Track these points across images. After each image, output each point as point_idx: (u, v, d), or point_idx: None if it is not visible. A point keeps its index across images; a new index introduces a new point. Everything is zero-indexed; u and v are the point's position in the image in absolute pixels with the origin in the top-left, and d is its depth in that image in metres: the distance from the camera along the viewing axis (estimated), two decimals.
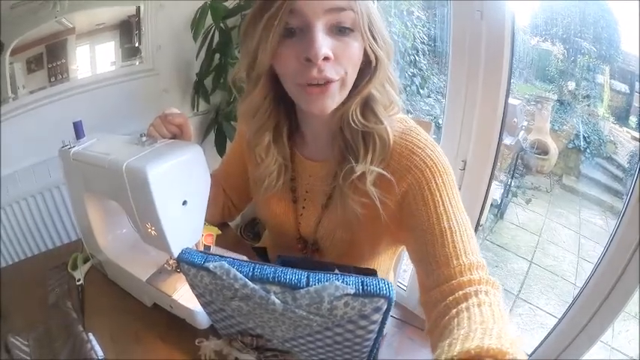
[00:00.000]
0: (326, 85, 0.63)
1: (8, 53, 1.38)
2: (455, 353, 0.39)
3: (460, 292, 0.55)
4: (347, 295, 0.44)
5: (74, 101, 1.57)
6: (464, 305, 0.52)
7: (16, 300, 0.85)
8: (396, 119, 0.75)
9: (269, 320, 0.51)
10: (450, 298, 0.56)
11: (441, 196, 0.67)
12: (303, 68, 0.62)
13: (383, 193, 0.71)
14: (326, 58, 0.60)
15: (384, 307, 0.45)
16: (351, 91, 0.68)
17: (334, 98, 0.66)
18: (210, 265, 0.50)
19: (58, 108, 1.54)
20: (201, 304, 0.60)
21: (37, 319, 0.78)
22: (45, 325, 0.77)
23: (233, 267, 0.49)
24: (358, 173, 0.70)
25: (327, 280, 0.45)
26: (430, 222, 0.65)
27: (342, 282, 0.44)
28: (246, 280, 0.48)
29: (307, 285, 0.46)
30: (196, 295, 0.58)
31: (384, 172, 0.71)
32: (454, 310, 0.53)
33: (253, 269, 0.49)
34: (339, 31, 0.61)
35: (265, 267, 0.49)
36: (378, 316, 0.45)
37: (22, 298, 0.86)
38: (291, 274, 0.47)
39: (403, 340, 1.81)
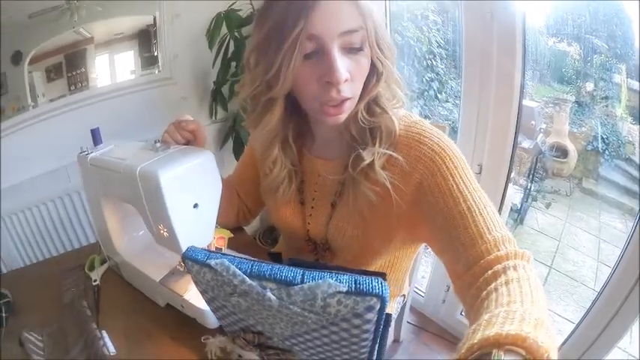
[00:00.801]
0: (342, 103, 0.66)
1: (27, 62, 1.42)
2: (475, 341, 0.39)
3: (489, 272, 0.56)
4: (339, 292, 0.45)
5: (94, 109, 1.62)
6: (493, 286, 0.52)
7: (33, 298, 0.88)
8: (401, 115, 0.77)
9: (267, 317, 0.53)
10: (481, 279, 0.56)
11: (454, 179, 0.68)
12: (322, 89, 0.65)
13: (394, 176, 0.73)
14: (345, 80, 0.63)
15: (377, 307, 0.45)
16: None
17: (347, 113, 0.69)
18: (212, 262, 0.52)
19: (77, 116, 1.58)
20: (206, 301, 0.62)
21: (52, 317, 0.82)
22: (59, 322, 0.80)
23: (233, 264, 0.51)
24: (367, 160, 0.72)
25: (321, 278, 0.46)
26: (449, 207, 0.66)
27: (336, 280, 0.45)
28: (244, 276, 0.49)
29: (302, 282, 0.47)
30: (200, 292, 0.60)
31: (392, 153, 0.73)
32: (484, 292, 0.53)
33: (252, 266, 0.51)
34: (350, 50, 0.64)
35: (263, 264, 0.51)
36: (371, 315, 0.46)
37: (39, 296, 0.89)
38: (286, 272, 0.48)
39: (419, 347, 1.79)
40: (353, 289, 0.45)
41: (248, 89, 0.72)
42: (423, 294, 1.93)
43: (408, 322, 1.81)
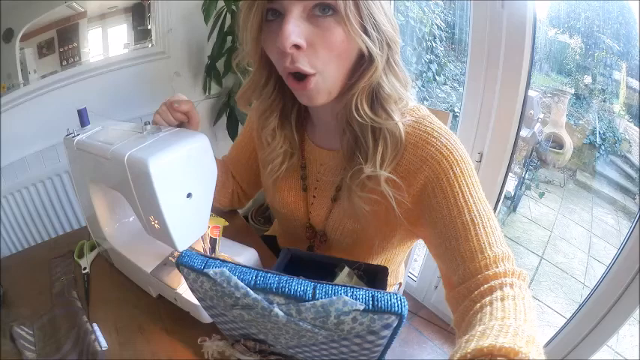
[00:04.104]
0: (305, 79, 0.61)
1: (18, 39, 1.37)
2: (469, 350, 0.39)
3: (485, 286, 0.55)
4: (355, 310, 0.42)
5: (86, 85, 1.56)
6: (487, 299, 0.51)
7: (23, 288, 0.85)
8: (408, 109, 0.72)
9: (272, 328, 0.49)
10: (476, 292, 0.55)
11: (460, 187, 0.65)
12: (281, 56, 0.60)
13: (397, 191, 0.69)
14: (297, 47, 0.57)
15: (395, 324, 0.42)
16: (350, 83, 0.65)
17: (318, 91, 0.63)
18: (211, 272, 0.47)
19: (70, 92, 1.52)
20: (203, 307, 0.58)
21: (42, 308, 0.78)
22: (50, 314, 0.77)
23: (235, 274, 0.46)
24: (366, 173, 0.68)
25: (334, 293, 0.42)
26: (452, 216, 0.63)
27: (352, 296, 0.42)
28: (248, 289, 0.45)
29: (313, 297, 0.43)
30: (197, 299, 0.56)
31: (394, 177, 0.69)
32: (478, 305, 0.52)
33: (256, 277, 0.46)
34: (322, 10, 0.57)
35: (269, 275, 0.46)
36: (387, 332, 0.43)
37: (29, 286, 0.86)
38: (296, 285, 0.44)
39: (411, 332, 1.81)
40: (370, 306, 0.41)
41: (242, 52, 0.70)
42: (415, 278, 1.93)
43: None
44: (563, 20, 1.84)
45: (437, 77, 2.38)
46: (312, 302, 0.42)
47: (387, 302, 0.41)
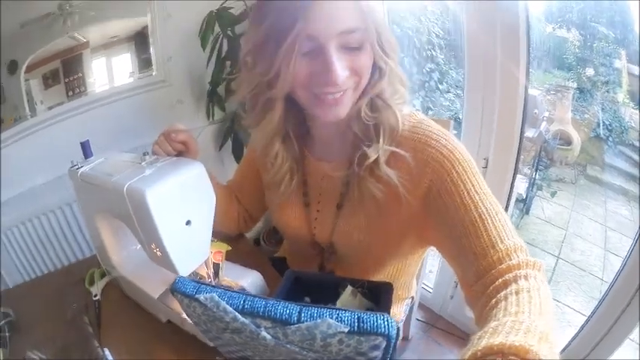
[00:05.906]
0: (342, 95, 0.65)
1: (23, 70, 1.40)
2: (480, 348, 0.39)
3: (500, 280, 0.55)
4: (341, 332, 0.42)
5: (93, 115, 1.60)
6: (502, 294, 0.51)
7: (35, 315, 0.87)
8: (405, 114, 0.74)
9: (265, 351, 0.50)
10: (491, 287, 0.55)
11: (464, 185, 0.66)
12: (319, 85, 0.63)
13: (401, 174, 0.70)
14: (342, 80, 0.62)
15: (383, 345, 0.42)
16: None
17: (348, 104, 0.67)
18: (201, 297, 0.49)
19: (77, 122, 1.56)
20: (200, 331, 0.59)
21: (54, 335, 0.80)
22: (63, 340, 0.79)
23: (224, 299, 0.47)
24: (372, 158, 0.70)
25: (320, 316, 0.43)
26: (459, 215, 0.64)
27: (337, 318, 0.42)
28: (236, 313, 0.46)
29: (299, 320, 0.44)
30: (193, 323, 0.57)
31: (398, 150, 0.70)
32: (494, 300, 0.52)
33: (244, 302, 0.47)
34: (349, 48, 0.62)
35: (256, 300, 0.47)
36: (377, 353, 0.43)
37: (41, 313, 0.88)
38: (282, 309, 0.45)
39: (429, 344, 1.77)
40: (355, 328, 0.42)
41: (246, 89, 0.71)
42: (430, 290, 1.91)
43: (417, 319, 1.78)
44: (557, 15, 1.83)
45: (439, 85, 2.37)
46: (297, 325, 0.43)
47: (373, 324, 0.41)
